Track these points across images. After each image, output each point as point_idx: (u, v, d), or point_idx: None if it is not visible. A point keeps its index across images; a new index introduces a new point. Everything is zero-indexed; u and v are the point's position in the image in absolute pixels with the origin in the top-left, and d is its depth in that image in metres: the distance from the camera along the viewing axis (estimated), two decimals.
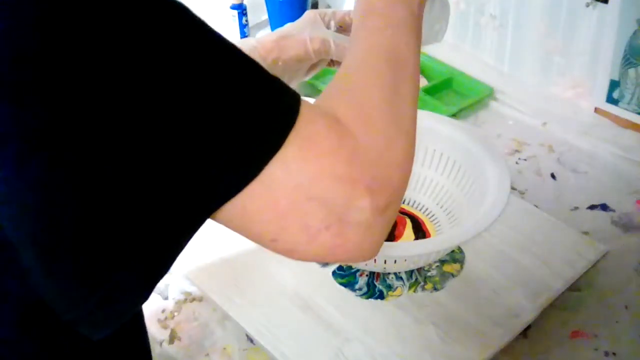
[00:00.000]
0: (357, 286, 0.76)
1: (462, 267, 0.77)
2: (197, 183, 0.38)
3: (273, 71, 0.76)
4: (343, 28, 0.72)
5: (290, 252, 0.44)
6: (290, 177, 0.40)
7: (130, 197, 0.37)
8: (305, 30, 0.71)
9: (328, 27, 0.72)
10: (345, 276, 0.77)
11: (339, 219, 0.42)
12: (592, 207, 0.88)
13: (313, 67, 0.74)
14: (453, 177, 0.83)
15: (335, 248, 0.43)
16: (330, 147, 0.41)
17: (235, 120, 0.38)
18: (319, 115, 0.43)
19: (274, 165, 0.39)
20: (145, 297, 0.42)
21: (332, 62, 0.75)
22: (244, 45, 0.71)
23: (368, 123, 0.45)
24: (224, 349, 0.72)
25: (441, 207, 0.84)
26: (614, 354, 0.69)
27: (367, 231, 0.43)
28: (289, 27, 0.72)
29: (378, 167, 0.43)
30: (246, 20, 1.27)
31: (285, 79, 0.73)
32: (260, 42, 0.71)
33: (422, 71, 1.15)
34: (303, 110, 0.41)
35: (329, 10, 0.73)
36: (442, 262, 0.78)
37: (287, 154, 0.40)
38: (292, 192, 0.40)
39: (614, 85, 0.99)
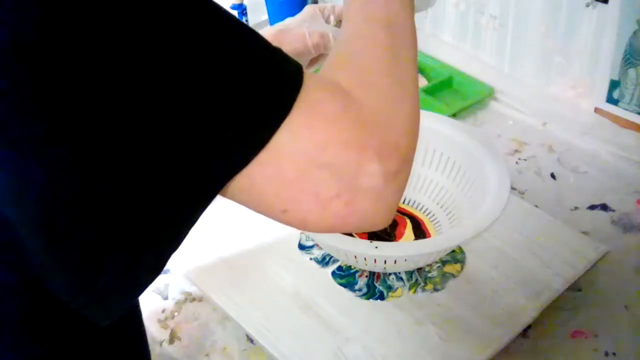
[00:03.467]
0: (356, 287, 0.76)
1: (462, 268, 0.77)
2: (206, 156, 0.38)
3: None
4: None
5: (302, 223, 0.43)
6: (298, 145, 0.40)
7: (139, 173, 0.37)
8: (304, 25, 0.71)
9: (327, 22, 0.72)
10: (345, 276, 0.77)
11: (350, 186, 0.41)
12: (592, 207, 0.88)
13: (312, 62, 0.74)
14: (453, 177, 0.83)
15: (348, 216, 0.42)
16: (335, 113, 0.41)
17: (240, 91, 0.38)
18: (322, 83, 0.43)
19: (281, 134, 0.39)
20: (156, 273, 0.41)
21: None
22: None
23: (371, 88, 0.44)
24: (224, 349, 0.72)
25: (441, 207, 0.84)
26: (614, 354, 0.69)
27: (379, 197, 0.42)
28: (288, 21, 0.72)
29: (385, 131, 0.43)
30: (246, 20, 1.27)
31: None
32: None
33: (422, 71, 1.15)
34: (306, 78, 0.41)
35: (329, 5, 0.73)
36: (444, 262, 0.78)
37: (293, 121, 0.39)
38: (301, 160, 0.40)
39: (614, 85, 0.99)
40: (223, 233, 0.83)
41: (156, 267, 0.41)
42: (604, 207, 0.88)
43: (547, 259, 0.77)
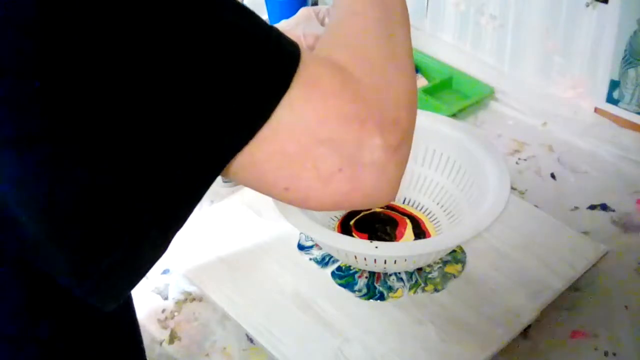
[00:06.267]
0: (356, 287, 0.76)
1: (463, 268, 0.77)
2: (209, 133, 0.38)
3: None
4: None
5: (304, 201, 0.43)
6: (298, 120, 0.40)
7: (142, 152, 0.37)
8: (299, 27, 0.71)
9: (322, 24, 0.72)
10: (344, 277, 0.77)
11: (352, 161, 0.41)
12: (592, 207, 0.88)
13: None
14: (453, 177, 0.83)
15: (351, 192, 0.42)
16: (334, 88, 0.41)
17: (240, 67, 0.38)
18: (320, 59, 0.43)
19: (281, 109, 0.39)
20: (161, 252, 0.41)
21: None
22: None
23: (367, 64, 0.44)
24: (224, 349, 0.72)
25: (441, 207, 0.84)
26: (614, 354, 0.69)
27: (381, 172, 0.42)
28: (283, 23, 0.73)
29: (384, 105, 0.43)
30: None
31: None
32: None
33: (422, 71, 1.15)
34: (304, 55, 0.41)
35: (324, 7, 0.73)
36: (445, 262, 0.78)
37: (292, 97, 0.39)
38: (301, 136, 0.40)
39: (614, 85, 0.99)
40: (223, 233, 0.83)
41: (161, 247, 0.41)
42: (604, 207, 0.88)
43: (547, 259, 0.77)
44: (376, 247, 0.68)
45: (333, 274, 0.78)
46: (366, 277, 0.77)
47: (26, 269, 0.42)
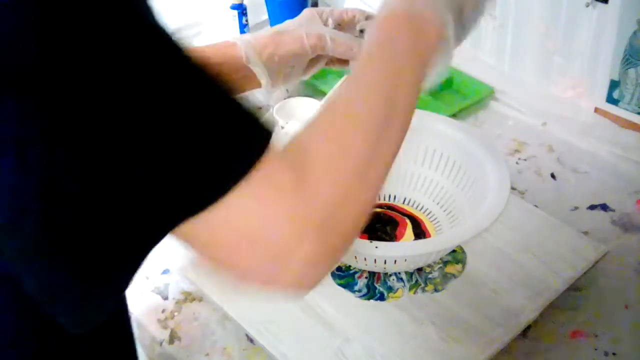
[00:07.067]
0: (356, 287, 0.76)
1: (463, 268, 0.77)
2: (158, 202, 0.39)
3: (270, 66, 0.77)
4: (341, 26, 0.73)
5: (234, 278, 0.45)
6: (243, 209, 0.40)
7: (97, 209, 0.38)
8: (302, 27, 0.71)
9: (326, 25, 0.72)
10: (344, 277, 0.77)
11: (283, 258, 0.42)
12: (592, 207, 0.88)
13: (311, 65, 0.74)
14: (453, 177, 0.83)
15: (272, 283, 0.44)
16: (287, 187, 0.41)
17: (200, 149, 0.39)
18: (285, 153, 0.43)
19: (232, 195, 0.39)
20: (114, 301, 0.43)
21: (332, 62, 0.75)
22: (240, 40, 0.71)
23: (334, 172, 0.44)
24: (224, 349, 0.72)
25: (441, 207, 0.84)
26: (614, 354, 0.69)
27: (308, 272, 0.44)
28: (286, 23, 0.73)
29: (331, 214, 0.43)
30: (246, 20, 1.27)
31: (282, 76, 0.73)
32: (255, 37, 0.71)
33: None
34: (270, 147, 0.41)
35: (327, 8, 0.73)
36: (445, 263, 0.78)
37: (246, 186, 0.40)
38: (241, 226, 0.41)
39: (614, 85, 0.99)
40: None
41: (113, 297, 0.43)
42: (604, 207, 0.88)
43: (547, 259, 0.77)
44: (376, 247, 0.68)
45: (333, 274, 0.78)
46: (366, 277, 0.77)
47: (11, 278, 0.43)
